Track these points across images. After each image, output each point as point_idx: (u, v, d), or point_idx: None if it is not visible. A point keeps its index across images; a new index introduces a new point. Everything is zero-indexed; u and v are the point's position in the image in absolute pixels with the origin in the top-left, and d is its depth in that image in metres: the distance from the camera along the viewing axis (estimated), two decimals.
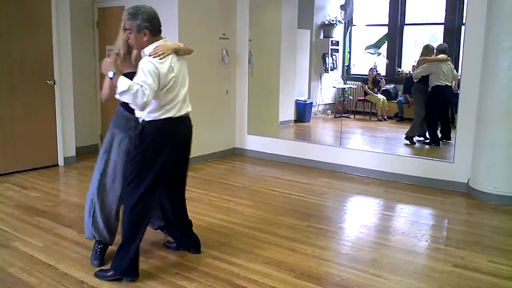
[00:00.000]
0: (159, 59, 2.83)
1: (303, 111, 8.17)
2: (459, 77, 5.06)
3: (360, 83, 8.21)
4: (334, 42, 8.51)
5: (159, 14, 3.03)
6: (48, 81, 5.67)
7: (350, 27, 8.30)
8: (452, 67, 6.32)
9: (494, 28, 4.49)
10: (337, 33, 8.56)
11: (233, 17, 6.49)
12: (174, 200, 3.28)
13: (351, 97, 8.39)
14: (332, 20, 8.52)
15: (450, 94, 6.33)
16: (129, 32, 2.91)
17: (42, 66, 5.63)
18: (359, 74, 8.38)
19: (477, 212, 4.41)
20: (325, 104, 8.68)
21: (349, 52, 8.51)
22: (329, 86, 8.68)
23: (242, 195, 4.83)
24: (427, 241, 3.72)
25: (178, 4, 5.59)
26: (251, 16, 6.47)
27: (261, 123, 6.75)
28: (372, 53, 8.27)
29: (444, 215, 4.44)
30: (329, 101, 8.76)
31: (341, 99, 8.53)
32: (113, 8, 6.30)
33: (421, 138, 6.71)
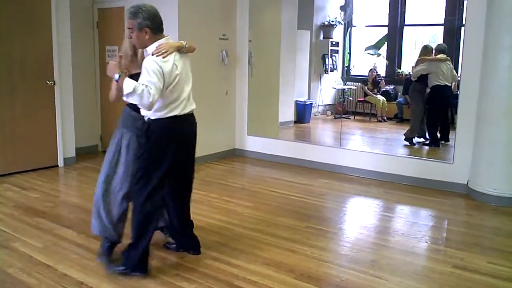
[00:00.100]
0: (162, 57, 2.85)
1: (303, 112, 8.17)
2: (459, 78, 5.05)
3: (360, 84, 8.20)
4: (334, 43, 8.51)
5: None
6: (48, 82, 5.67)
7: (350, 28, 8.30)
8: (452, 67, 6.30)
9: (494, 26, 4.49)
10: (337, 34, 8.56)
11: (233, 18, 6.49)
12: (178, 200, 3.29)
13: (351, 98, 8.39)
14: (332, 21, 8.52)
15: (449, 94, 6.31)
16: (131, 31, 2.94)
17: (42, 67, 5.63)
18: (359, 75, 8.37)
19: (476, 213, 4.41)
20: (325, 105, 8.68)
21: (349, 53, 8.51)
22: (329, 87, 8.68)
23: (241, 196, 4.83)
24: (426, 242, 3.72)
25: (178, 5, 5.60)
26: (251, 16, 6.47)
27: (261, 124, 6.74)
28: (372, 54, 8.27)
29: (443, 216, 4.44)
30: (329, 102, 8.76)
31: (341, 100, 8.53)
32: (113, 9, 6.30)
33: (420, 140, 6.69)
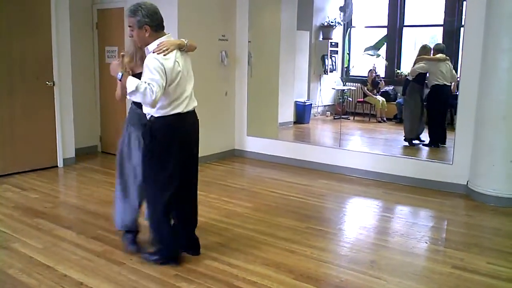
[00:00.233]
0: (163, 55, 2.86)
1: (302, 113, 8.17)
2: (458, 78, 5.06)
3: (359, 84, 8.20)
4: (333, 43, 8.52)
5: None
6: (47, 82, 5.67)
7: (349, 29, 8.30)
8: (451, 67, 6.29)
9: (494, 28, 4.50)
10: (337, 35, 8.57)
11: (232, 19, 6.49)
12: (181, 200, 3.29)
13: (350, 99, 8.39)
14: (332, 22, 8.53)
15: (448, 94, 6.31)
16: (131, 29, 2.97)
17: (42, 67, 5.63)
18: (358, 76, 8.37)
19: (476, 213, 4.41)
20: (325, 106, 8.68)
21: (348, 54, 8.51)
22: (329, 88, 8.69)
23: (241, 197, 4.83)
24: (426, 242, 3.72)
25: (178, 5, 5.60)
26: (250, 17, 6.47)
27: (260, 124, 6.74)
28: (371, 55, 8.27)
29: (443, 216, 4.44)
30: (329, 103, 8.76)
31: (341, 100, 8.53)
32: (113, 10, 6.30)
33: (415, 141, 6.62)
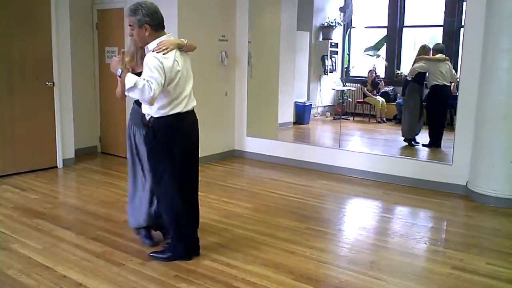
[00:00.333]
0: (163, 54, 2.87)
1: (302, 113, 8.17)
2: (458, 79, 5.06)
3: (359, 85, 8.20)
4: (333, 44, 8.52)
5: None
6: (47, 83, 5.67)
7: (349, 29, 8.30)
8: (451, 67, 6.28)
9: (493, 28, 4.50)
10: (336, 35, 8.57)
11: (232, 19, 6.49)
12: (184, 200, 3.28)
13: (350, 99, 8.39)
14: (331, 22, 8.53)
15: (448, 94, 6.31)
16: (132, 28, 2.99)
17: (42, 67, 5.63)
18: (358, 76, 8.38)
19: (476, 214, 4.41)
20: (324, 106, 8.68)
21: (348, 54, 8.51)
22: (328, 88, 8.69)
23: (241, 197, 4.83)
24: (425, 243, 3.72)
25: (178, 5, 5.60)
26: (250, 18, 6.47)
27: (260, 125, 6.74)
28: (371, 55, 8.27)
29: (442, 217, 4.44)
30: (328, 103, 8.76)
31: (340, 101, 8.53)
32: (113, 10, 6.30)
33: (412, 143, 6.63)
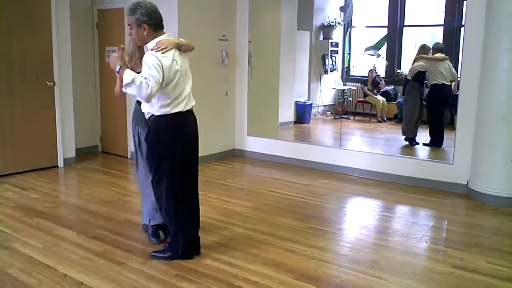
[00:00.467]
0: (162, 53, 2.87)
1: (302, 113, 8.18)
2: (459, 78, 5.06)
3: (359, 84, 8.20)
4: (333, 43, 8.52)
5: None
6: (47, 82, 5.67)
7: (349, 29, 8.30)
8: (451, 66, 6.28)
9: (494, 29, 4.50)
10: (337, 35, 8.56)
11: (232, 19, 6.49)
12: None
13: (351, 99, 8.39)
14: (332, 22, 8.53)
15: (448, 93, 6.31)
16: (130, 28, 3.00)
17: (42, 67, 5.64)
18: (358, 76, 8.37)
19: (476, 213, 4.41)
20: (325, 106, 8.68)
21: (349, 54, 8.51)
22: (329, 88, 8.69)
23: (241, 196, 4.83)
24: (426, 242, 3.72)
25: (178, 5, 5.60)
26: (250, 17, 6.47)
27: (260, 124, 6.74)
28: (372, 55, 8.27)
29: (443, 216, 4.44)
30: (329, 103, 8.76)
31: (341, 100, 8.53)
32: (113, 10, 6.30)
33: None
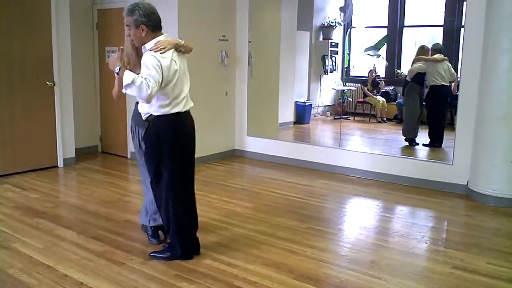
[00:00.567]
0: (160, 53, 2.88)
1: (302, 113, 8.18)
2: (459, 79, 5.06)
3: (359, 85, 8.21)
4: (333, 44, 8.52)
5: None
6: (47, 82, 5.67)
7: (349, 29, 8.31)
8: (450, 66, 6.28)
9: (494, 29, 4.50)
10: (337, 35, 8.57)
11: (232, 19, 6.49)
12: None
13: (351, 99, 8.39)
14: (332, 22, 8.53)
15: (446, 94, 6.30)
16: (129, 28, 2.99)
17: (42, 67, 5.63)
18: (358, 76, 8.38)
19: (476, 214, 4.41)
20: (325, 106, 8.69)
21: (349, 54, 8.51)
22: (329, 88, 8.69)
23: (241, 197, 4.83)
24: (426, 243, 3.72)
25: (178, 5, 5.60)
26: (250, 17, 6.47)
27: (260, 124, 6.75)
28: (372, 55, 8.27)
29: (443, 217, 4.44)
30: (329, 103, 8.76)
31: (341, 100, 8.53)
32: (113, 10, 6.30)
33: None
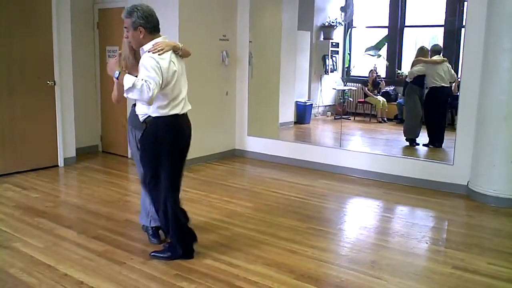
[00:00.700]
0: (158, 54, 2.87)
1: (303, 113, 8.17)
2: (459, 79, 5.05)
3: (360, 85, 8.20)
4: (334, 43, 8.51)
5: (159, 16, 3.06)
6: (48, 82, 5.67)
7: (350, 29, 8.30)
8: (450, 67, 6.28)
9: (495, 28, 4.50)
10: (337, 35, 8.56)
11: (233, 19, 6.49)
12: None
13: (351, 99, 8.39)
14: (332, 22, 8.53)
15: (446, 95, 6.30)
16: (127, 30, 2.99)
17: (42, 67, 5.63)
18: (359, 76, 8.38)
19: (477, 214, 4.41)
20: (325, 106, 8.68)
21: (349, 54, 8.51)
22: (329, 88, 8.69)
23: (242, 197, 4.83)
24: (426, 243, 3.72)
25: (179, 5, 5.59)
26: (251, 17, 6.47)
27: (261, 124, 6.74)
28: (372, 55, 8.26)
29: (444, 217, 4.44)
30: (329, 103, 8.76)
31: (341, 100, 8.53)
32: (114, 9, 6.30)
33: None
